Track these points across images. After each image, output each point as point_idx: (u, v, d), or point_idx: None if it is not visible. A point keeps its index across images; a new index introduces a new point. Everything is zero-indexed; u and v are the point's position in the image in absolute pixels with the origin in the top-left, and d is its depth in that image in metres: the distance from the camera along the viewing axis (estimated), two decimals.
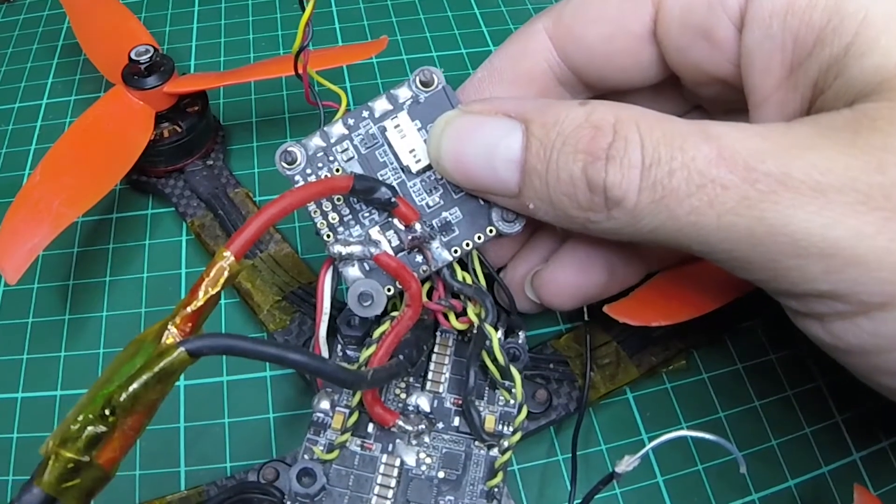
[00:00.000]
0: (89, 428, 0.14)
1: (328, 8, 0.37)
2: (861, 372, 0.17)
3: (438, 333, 0.22)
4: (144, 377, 0.15)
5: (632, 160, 0.15)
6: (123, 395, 0.15)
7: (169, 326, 0.16)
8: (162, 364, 0.15)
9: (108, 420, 0.15)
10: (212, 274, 0.17)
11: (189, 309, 0.16)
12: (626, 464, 0.16)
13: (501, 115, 0.18)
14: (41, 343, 0.26)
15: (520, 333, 0.21)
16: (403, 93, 0.20)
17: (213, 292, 0.17)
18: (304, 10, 0.20)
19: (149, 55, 0.26)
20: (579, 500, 0.18)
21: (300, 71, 0.22)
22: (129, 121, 0.26)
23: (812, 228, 0.14)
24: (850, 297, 0.15)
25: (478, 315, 0.20)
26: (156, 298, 0.27)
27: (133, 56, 0.26)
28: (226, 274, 0.17)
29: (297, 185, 0.20)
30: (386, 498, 0.19)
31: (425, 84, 0.20)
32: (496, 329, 0.20)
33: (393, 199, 0.19)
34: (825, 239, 0.14)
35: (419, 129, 0.20)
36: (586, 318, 0.23)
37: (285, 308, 0.24)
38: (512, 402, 0.20)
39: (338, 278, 0.20)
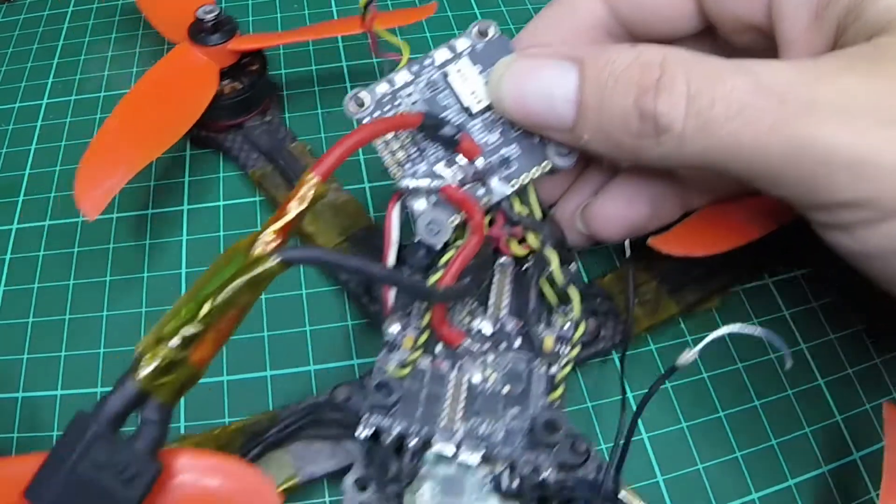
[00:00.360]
0: (185, 328, 0.16)
1: (328, 8, 0.38)
2: (885, 277, 0.18)
3: (499, 261, 0.23)
4: (240, 281, 0.16)
5: (678, 91, 0.17)
6: (219, 298, 0.16)
7: (259, 238, 0.17)
8: (258, 270, 0.16)
9: (202, 321, 0.16)
10: (300, 193, 0.18)
11: (279, 224, 0.18)
12: (687, 357, 0.17)
13: (557, 57, 0.20)
14: (41, 343, 0.26)
15: (572, 265, 0.23)
16: (462, 42, 0.22)
17: (301, 208, 0.18)
18: None
19: (215, 14, 0.28)
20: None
21: (366, 28, 0.23)
22: (195, 75, 0.27)
23: (839, 144, 0.16)
24: (873, 204, 0.17)
25: (537, 240, 0.22)
26: (156, 298, 0.27)
27: (199, 14, 0.28)
28: (312, 192, 0.18)
29: None
30: (456, 410, 0.20)
31: (483, 34, 0.22)
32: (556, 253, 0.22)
33: (457, 136, 0.21)
34: (851, 152, 0.16)
35: (479, 73, 0.22)
36: (628, 253, 0.24)
37: (347, 250, 0.26)
38: (569, 324, 0.22)
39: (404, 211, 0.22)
